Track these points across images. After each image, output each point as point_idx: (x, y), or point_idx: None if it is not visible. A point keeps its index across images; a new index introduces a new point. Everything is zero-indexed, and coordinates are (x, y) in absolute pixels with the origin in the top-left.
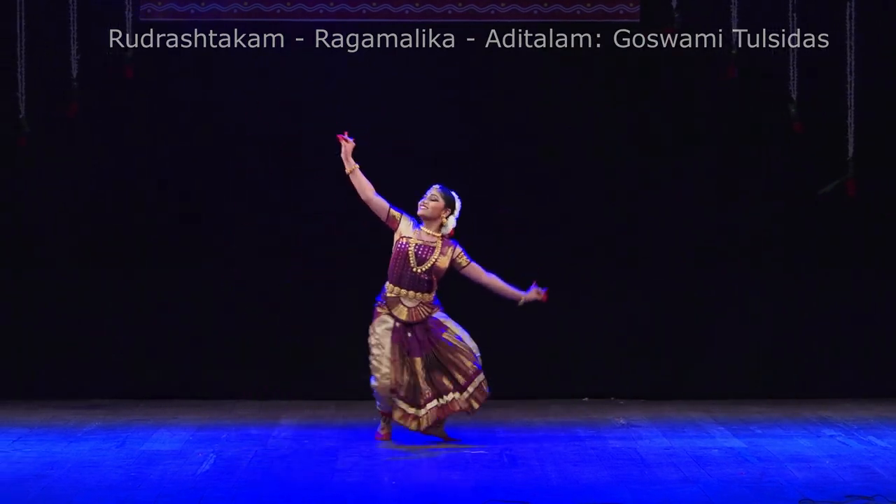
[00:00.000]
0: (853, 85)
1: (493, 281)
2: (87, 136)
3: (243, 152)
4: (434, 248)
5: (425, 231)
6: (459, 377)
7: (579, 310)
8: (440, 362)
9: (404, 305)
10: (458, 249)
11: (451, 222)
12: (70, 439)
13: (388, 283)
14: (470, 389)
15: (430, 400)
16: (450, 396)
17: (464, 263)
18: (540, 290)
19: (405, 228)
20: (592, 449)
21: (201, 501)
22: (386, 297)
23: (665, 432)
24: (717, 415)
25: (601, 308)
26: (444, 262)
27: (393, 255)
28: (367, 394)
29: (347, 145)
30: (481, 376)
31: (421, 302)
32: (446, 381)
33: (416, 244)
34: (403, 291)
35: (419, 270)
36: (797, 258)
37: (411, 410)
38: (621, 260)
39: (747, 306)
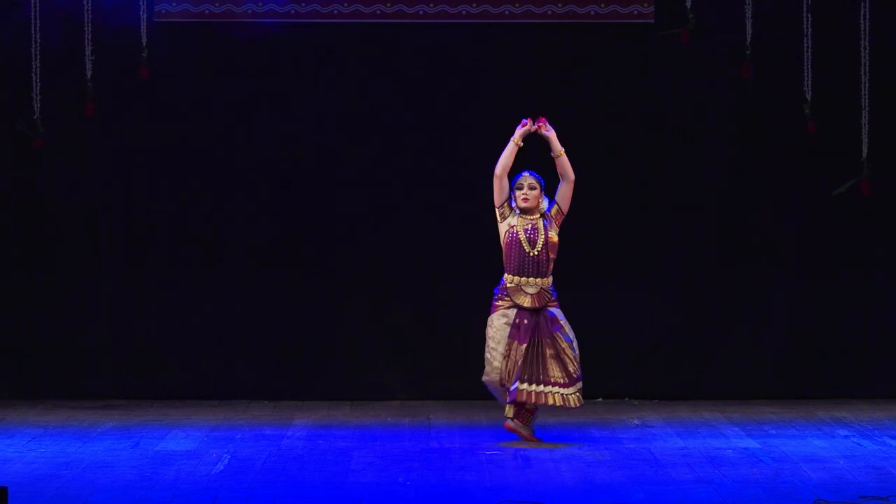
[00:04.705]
0: (867, 85)
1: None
2: (102, 136)
3: (260, 151)
4: (537, 227)
5: (527, 217)
6: (560, 376)
7: (593, 310)
8: (545, 356)
9: (526, 293)
10: (547, 207)
11: (545, 204)
12: (85, 439)
13: (506, 275)
14: (572, 389)
15: (530, 382)
16: (549, 388)
17: (561, 204)
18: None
19: (512, 219)
20: (606, 449)
21: (216, 502)
22: (507, 289)
23: (679, 433)
24: (731, 415)
25: (615, 308)
26: (553, 235)
27: (506, 246)
28: (381, 394)
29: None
30: (580, 384)
31: (542, 288)
32: (552, 373)
33: (524, 229)
34: (524, 279)
35: (535, 253)
36: (812, 259)
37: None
38: (635, 260)
39: (761, 306)
